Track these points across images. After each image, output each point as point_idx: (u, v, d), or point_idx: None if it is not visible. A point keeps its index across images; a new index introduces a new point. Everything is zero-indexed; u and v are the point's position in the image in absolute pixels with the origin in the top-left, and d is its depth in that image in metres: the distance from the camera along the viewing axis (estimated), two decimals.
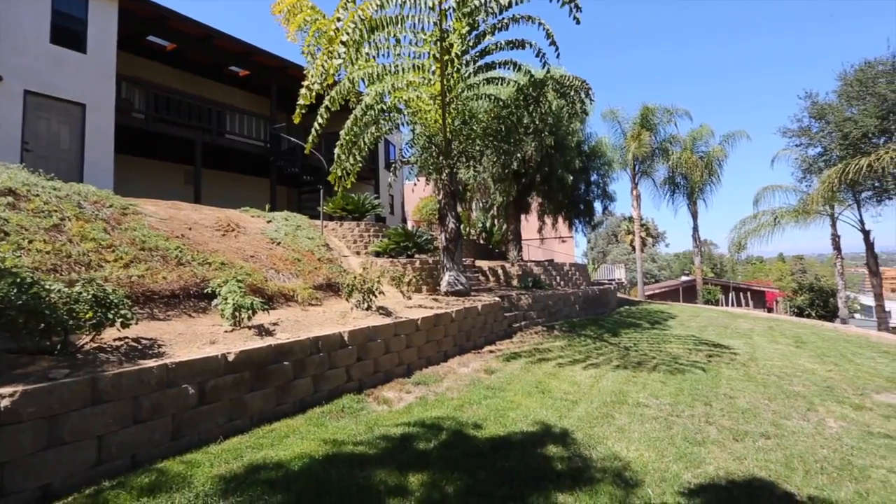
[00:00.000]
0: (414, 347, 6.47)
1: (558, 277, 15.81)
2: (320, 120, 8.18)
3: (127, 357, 3.66)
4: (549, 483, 3.21)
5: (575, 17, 7.81)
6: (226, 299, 4.95)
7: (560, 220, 18.74)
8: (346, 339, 5.33)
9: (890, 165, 14.24)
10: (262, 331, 5.02)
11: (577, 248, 39.75)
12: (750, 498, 3.22)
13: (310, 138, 8.36)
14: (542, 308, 11.21)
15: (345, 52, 6.28)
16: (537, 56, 8.75)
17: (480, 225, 21.50)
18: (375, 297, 6.92)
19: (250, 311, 4.94)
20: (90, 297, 3.54)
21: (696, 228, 26.02)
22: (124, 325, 3.76)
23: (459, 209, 22.53)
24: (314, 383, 4.82)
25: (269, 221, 10.04)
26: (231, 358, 3.99)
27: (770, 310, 29.46)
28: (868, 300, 33.38)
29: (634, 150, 23.03)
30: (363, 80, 8.76)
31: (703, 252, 37.43)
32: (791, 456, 3.92)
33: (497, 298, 9.46)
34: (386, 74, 8.80)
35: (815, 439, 4.34)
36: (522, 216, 17.81)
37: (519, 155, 12.60)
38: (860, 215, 19.79)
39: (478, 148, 10.91)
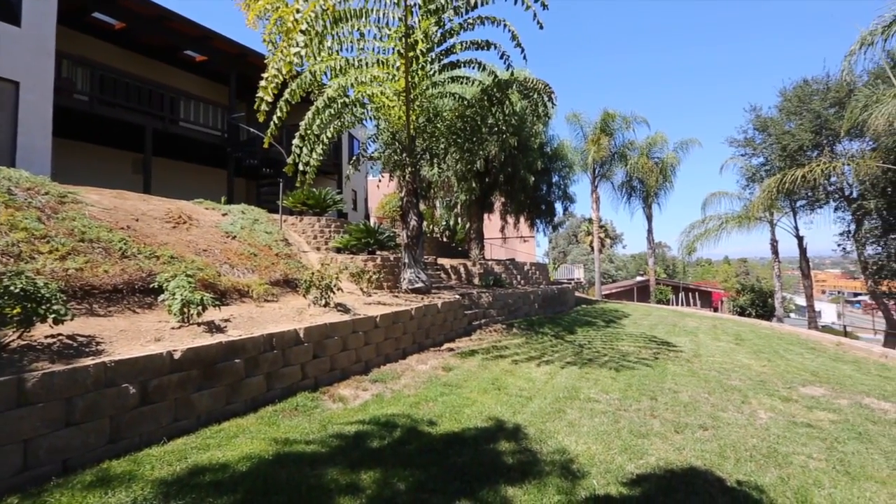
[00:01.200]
0: (372, 345, 6.43)
1: (519, 276, 16.11)
2: (279, 113, 7.94)
3: (60, 355, 3.43)
4: (500, 477, 3.28)
5: (538, 22, 7.98)
6: (174, 294, 4.73)
7: (522, 219, 19.09)
8: (301, 336, 5.23)
9: (821, 177, 15.44)
10: (213, 327, 4.84)
11: (538, 247, 40.64)
12: (686, 485, 3.41)
13: (269, 131, 8.12)
14: (501, 306, 11.40)
15: (304, 41, 6.12)
16: (501, 58, 8.86)
17: (444, 223, 21.57)
18: (334, 293, 6.82)
19: (200, 307, 4.75)
20: (18, 290, 3.30)
21: (650, 231, 27.23)
22: (57, 322, 3.53)
23: (423, 207, 22.49)
24: (267, 381, 4.71)
25: (224, 214, 9.67)
26: (177, 355, 3.83)
27: (716, 309, 31.24)
28: (802, 301, 36.04)
29: (594, 154, 23.79)
30: (326, 73, 8.59)
31: (657, 254, 39.20)
32: (725, 445, 4.19)
33: (457, 296, 9.54)
34: (350, 68, 8.66)
35: (746, 430, 4.65)
36: (485, 215, 18.01)
37: (482, 154, 12.72)
38: (795, 222, 21.41)
39: (442, 146, 10.94)
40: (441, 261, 14.18)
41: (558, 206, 19.97)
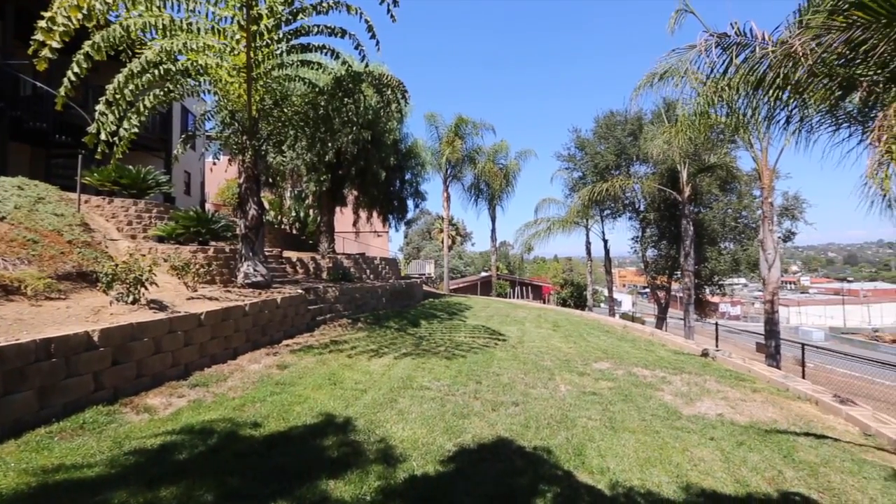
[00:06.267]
0: (195, 345, 5.76)
1: (368, 271, 16.15)
2: (76, 69, 6.49)
3: None
4: (323, 472, 3.27)
5: (391, 15, 8.07)
6: None
7: (375, 214, 19.14)
8: (96, 339, 4.41)
9: (619, 191, 19.09)
10: None
11: (392, 243, 41.28)
12: (493, 455, 3.89)
13: (62, 89, 6.55)
14: (348, 301, 11.29)
15: None
16: (357, 48, 8.72)
17: (294, 214, 20.35)
18: (146, 288, 5.90)
19: None
20: None
21: (494, 230, 29.88)
22: None
23: (270, 196, 20.91)
24: (40, 398, 3.85)
25: None
26: None
27: (544, 301, 35.95)
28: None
29: (449, 155, 25.16)
30: (144, 31, 7.31)
31: (501, 251, 43.38)
32: (529, 417, 4.88)
33: (301, 291, 9.14)
34: (178, 30, 7.55)
35: (548, 402, 5.50)
36: (338, 208, 17.57)
37: (334, 145, 12.38)
38: (602, 228, 25.92)
39: (291, 132, 10.30)
40: (288, 254, 13.39)
41: (410, 203, 20.58)
